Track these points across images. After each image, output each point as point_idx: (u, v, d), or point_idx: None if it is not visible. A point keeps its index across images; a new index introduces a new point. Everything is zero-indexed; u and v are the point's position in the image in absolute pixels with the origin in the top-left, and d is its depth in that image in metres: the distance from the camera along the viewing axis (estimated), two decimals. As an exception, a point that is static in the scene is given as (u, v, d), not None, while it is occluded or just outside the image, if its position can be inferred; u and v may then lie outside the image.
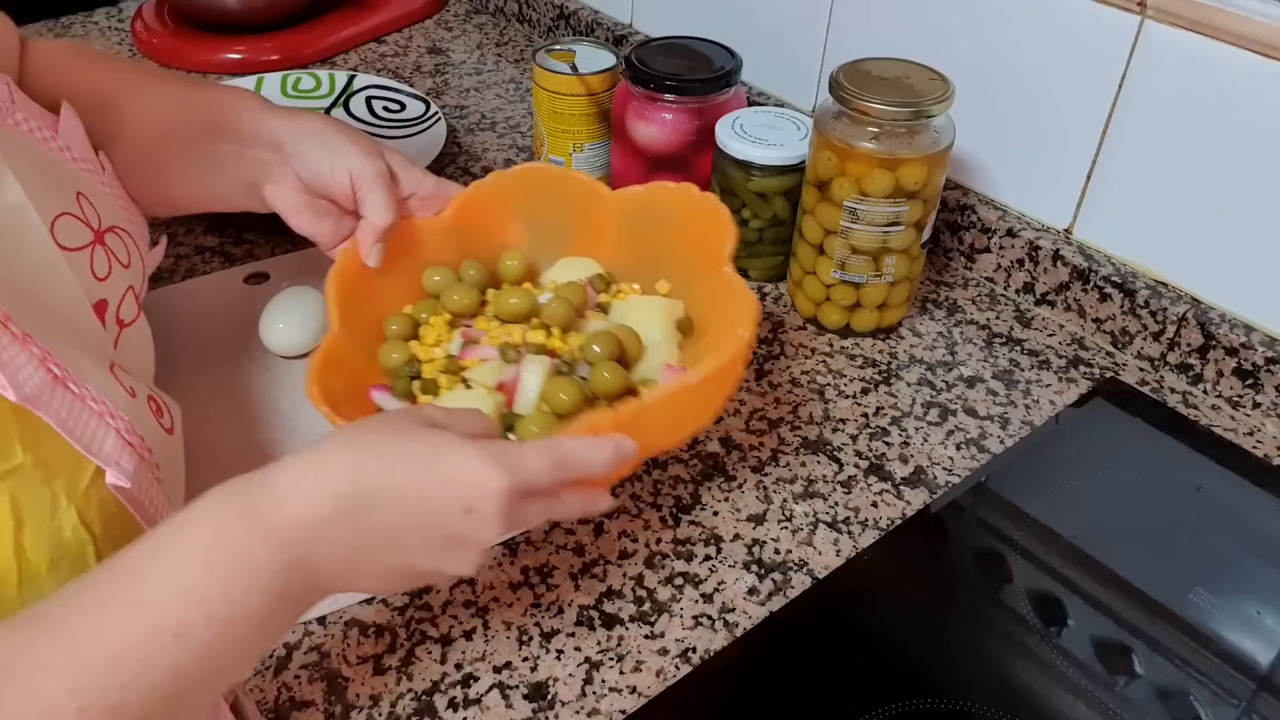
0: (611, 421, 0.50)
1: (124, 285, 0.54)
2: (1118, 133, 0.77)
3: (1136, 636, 0.59)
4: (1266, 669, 0.58)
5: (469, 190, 0.69)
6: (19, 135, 0.51)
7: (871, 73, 0.73)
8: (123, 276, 0.54)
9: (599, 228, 0.70)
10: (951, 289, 0.87)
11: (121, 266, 0.54)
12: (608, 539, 0.64)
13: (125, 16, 1.26)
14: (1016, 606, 0.60)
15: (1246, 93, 0.69)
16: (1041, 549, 0.64)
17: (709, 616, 0.59)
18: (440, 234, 0.69)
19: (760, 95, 1.01)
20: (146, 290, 0.59)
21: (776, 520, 0.65)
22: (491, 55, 1.22)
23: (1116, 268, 0.79)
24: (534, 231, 0.71)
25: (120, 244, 0.54)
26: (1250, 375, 0.73)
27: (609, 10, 1.17)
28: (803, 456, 0.70)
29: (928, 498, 0.67)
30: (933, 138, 0.72)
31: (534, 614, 0.59)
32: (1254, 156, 0.70)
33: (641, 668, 0.56)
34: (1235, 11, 0.68)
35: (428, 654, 0.57)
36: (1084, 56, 0.76)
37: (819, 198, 0.76)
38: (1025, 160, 0.83)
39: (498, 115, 1.09)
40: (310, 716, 0.53)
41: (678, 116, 0.85)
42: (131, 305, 0.54)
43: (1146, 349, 0.79)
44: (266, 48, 1.16)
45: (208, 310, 0.79)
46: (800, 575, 0.62)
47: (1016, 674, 0.57)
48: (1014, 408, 0.75)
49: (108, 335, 0.51)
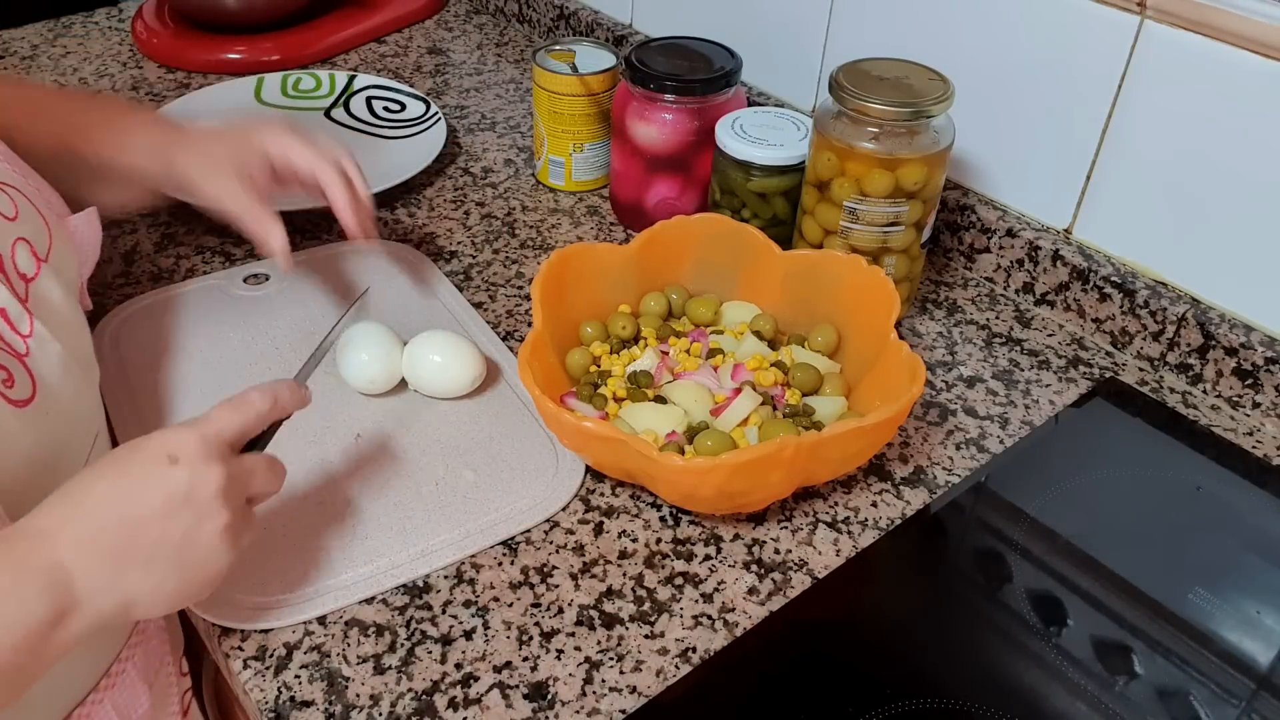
0: (794, 447, 0.57)
1: (10, 237, 0.53)
2: (1117, 133, 0.77)
3: (1136, 636, 0.59)
4: (1266, 669, 0.58)
5: (654, 228, 0.75)
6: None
7: (871, 73, 0.73)
8: (6, 229, 0.53)
9: (765, 279, 0.75)
10: (951, 289, 0.87)
11: (4, 219, 0.54)
12: (608, 539, 0.64)
13: (125, 16, 1.26)
14: (1016, 606, 0.60)
15: (1246, 93, 0.69)
16: (1041, 549, 0.64)
17: (709, 616, 0.59)
18: (626, 261, 0.74)
19: (760, 95, 1.01)
20: (93, 269, 0.61)
21: (776, 520, 0.65)
22: (491, 55, 1.22)
23: (1116, 268, 0.79)
24: (703, 273, 0.77)
25: (2, 198, 0.54)
26: (1250, 375, 0.73)
27: (609, 10, 1.17)
28: (803, 456, 0.70)
29: (928, 498, 0.67)
30: (932, 138, 0.72)
31: (534, 614, 0.59)
32: (1254, 156, 0.70)
33: (641, 668, 0.56)
34: (1235, 11, 0.68)
35: (428, 654, 0.57)
36: (1084, 56, 0.76)
37: (819, 198, 0.76)
38: (1025, 160, 0.83)
39: (498, 115, 1.09)
40: (310, 716, 0.53)
41: (678, 117, 0.85)
42: (28, 258, 0.54)
43: (1146, 349, 0.79)
44: (266, 48, 1.16)
45: (208, 310, 0.79)
46: (800, 575, 0.62)
47: (1016, 674, 0.57)
48: (1014, 408, 0.75)
49: (4, 288, 0.51)
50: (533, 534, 0.63)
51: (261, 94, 1.08)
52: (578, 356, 0.71)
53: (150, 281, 0.82)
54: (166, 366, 0.73)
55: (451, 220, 0.92)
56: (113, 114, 0.71)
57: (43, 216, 0.58)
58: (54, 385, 0.52)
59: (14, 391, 0.50)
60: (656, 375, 0.69)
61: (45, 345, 0.52)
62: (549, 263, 0.70)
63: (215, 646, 0.58)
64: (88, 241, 0.63)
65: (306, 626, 0.57)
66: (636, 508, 0.66)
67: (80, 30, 1.23)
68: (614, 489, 0.67)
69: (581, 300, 0.73)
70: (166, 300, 0.80)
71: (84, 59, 1.16)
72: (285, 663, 0.56)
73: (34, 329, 0.52)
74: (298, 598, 0.58)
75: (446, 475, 0.66)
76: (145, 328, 0.77)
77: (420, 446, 0.68)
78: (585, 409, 0.68)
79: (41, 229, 0.57)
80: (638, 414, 0.66)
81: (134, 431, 0.65)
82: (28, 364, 0.51)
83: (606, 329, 0.74)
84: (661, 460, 0.57)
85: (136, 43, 1.19)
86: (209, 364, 0.74)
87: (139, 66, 1.16)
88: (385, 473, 0.66)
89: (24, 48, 1.18)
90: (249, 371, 0.73)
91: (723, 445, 0.62)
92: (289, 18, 1.20)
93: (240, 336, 0.76)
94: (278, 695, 0.54)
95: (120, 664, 0.60)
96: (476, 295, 0.83)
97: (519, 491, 0.65)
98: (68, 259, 0.59)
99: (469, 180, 0.98)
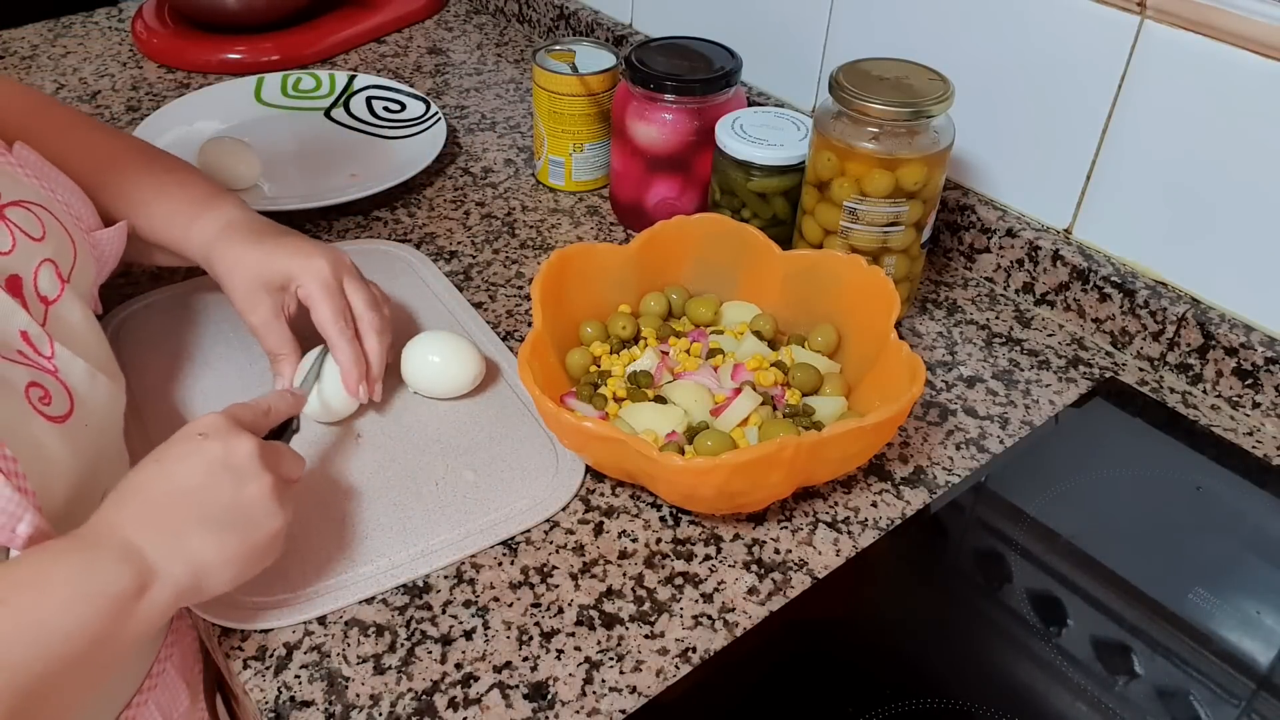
0: (794, 447, 0.56)
1: (35, 259, 0.54)
2: (1117, 133, 0.77)
3: (1136, 636, 0.59)
4: (1266, 669, 0.58)
5: (654, 228, 0.75)
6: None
7: (871, 73, 0.73)
8: (33, 250, 0.54)
9: (765, 279, 0.75)
10: (951, 289, 0.87)
11: (31, 240, 0.54)
12: (608, 539, 0.64)
13: (125, 16, 1.26)
14: (1016, 606, 0.60)
15: (1246, 93, 0.69)
16: (1041, 549, 0.64)
17: (709, 616, 0.59)
18: (626, 261, 0.74)
19: (760, 95, 1.01)
20: (107, 277, 0.62)
21: (776, 520, 0.65)
22: (491, 55, 1.22)
23: (1116, 268, 0.79)
24: (703, 273, 0.77)
25: (30, 218, 0.55)
26: (1250, 375, 0.73)
27: (609, 10, 1.17)
28: (803, 456, 0.70)
29: (927, 498, 0.67)
30: (932, 138, 0.72)
31: (534, 614, 0.59)
32: (1254, 156, 0.70)
33: (641, 667, 0.56)
34: (1235, 11, 0.68)
35: (428, 654, 0.57)
36: (1084, 56, 0.76)
37: (819, 198, 0.76)
38: (1025, 160, 0.83)
39: (498, 115, 1.09)
40: (310, 716, 0.53)
41: (678, 117, 0.85)
42: (52, 280, 0.55)
43: (1146, 349, 0.79)
44: (266, 48, 1.16)
45: (208, 310, 0.79)
46: (800, 575, 0.62)
47: (1016, 674, 0.57)
48: (1014, 408, 0.75)
49: (23, 312, 0.52)
50: (533, 534, 0.63)
51: (261, 94, 1.08)
52: (578, 356, 0.71)
53: (150, 281, 0.82)
54: (166, 366, 0.73)
55: (451, 220, 0.92)
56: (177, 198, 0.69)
57: (69, 235, 0.58)
58: (86, 398, 0.53)
59: (52, 408, 0.51)
60: (656, 375, 0.69)
61: (70, 363, 0.53)
62: (549, 263, 0.70)
63: (215, 646, 0.58)
64: (111, 252, 0.63)
65: (306, 626, 0.57)
66: (636, 508, 0.66)
67: (80, 30, 1.23)
68: (614, 489, 0.67)
69: (581, 300, 0.73)
70: (166, 300, 0.80)
71: (84, 59, 1.16)
72: (285, 663, 0.56)
73: (54, 350, 0.53)
74: (298, 598, 0.58)
75: (446, 475, 0.66)
76: (145, 328, 0.77)
77: (420, 446, 0.68)
78: (585, 409, 0.68)
79: (67, 247, 0.57)
80: (638, 414, 0.66)
81: (134, 431, 0.65)
82: (61, 379, 0.52)
83: (606, 329, 0.74)
84: (661, 460, 0.57)
85: (136, 43, 1.19)
86: (209, 364, 0.74)
87: (139, 66, 1.16)
88: (385, 473, 0.66)
89: (24, 48, 1.18)
90: (249, 371, 0.73)
91: (723, 445, 0.62)
92: (289, 18, 1.20)
93: (240, 336, 0.76)
94: (278, 695, 0.54)
95: (161, 664, 0.60)
96: (476, 295, 0.83)
97: (519, 491, 0.65)
98: (88, 273, 0.60)
99: (469, 180, 0.98)
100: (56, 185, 0.59)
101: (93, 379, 0.54)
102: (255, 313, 0.66)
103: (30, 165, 0.58)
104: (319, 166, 0.98)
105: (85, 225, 0.61)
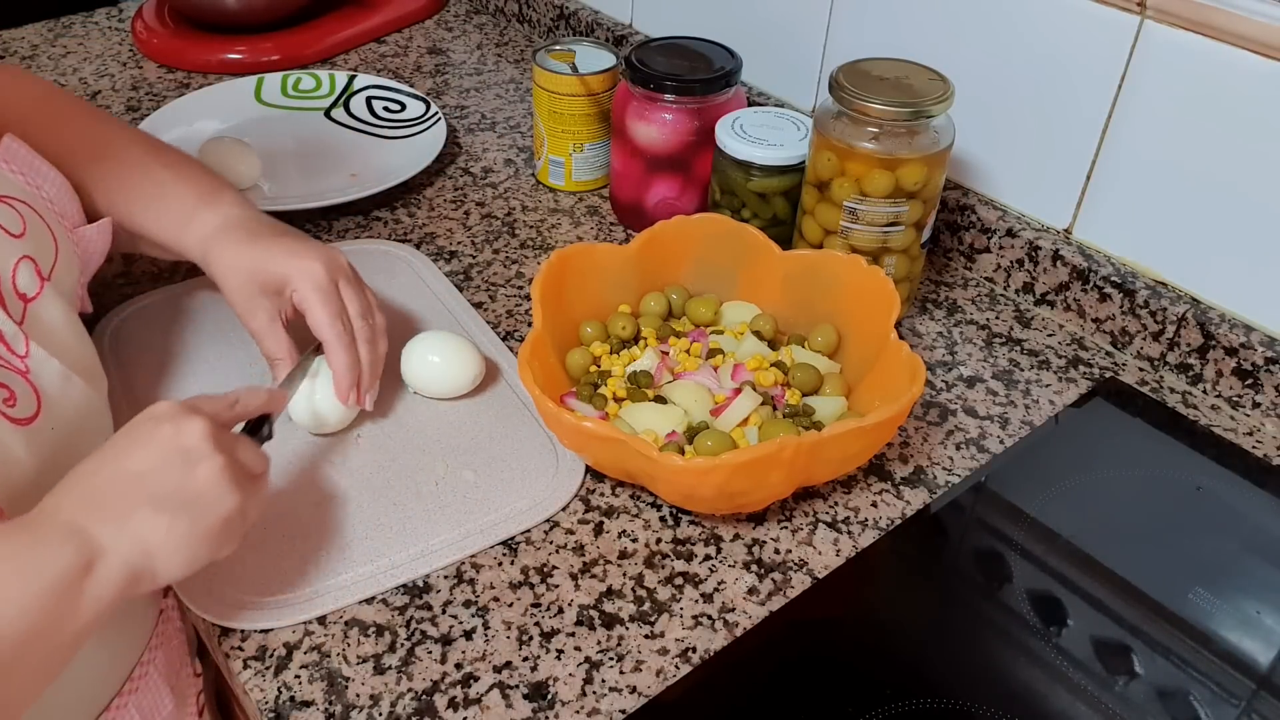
0: (794, 447, 0.56)
1: (13, 255, 0.53)
2: (1117, 133, 0.77)
3: (1136, 636, 0.59)
4: (1266, 669, 0.58)
5: (654, 228, 0.75)
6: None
7: (871, 73, 0.73)
8: (11, 246, 0.53)
9: (764, 279, 0.75)
10: (951, 289, 0.87)
11: (9, 236, 0.53)
12: (608, 539, 0.64)
13: (125, 16, 1.26)
14: (1016, 606, 0.60)
15: (1246, 93, 0.69)
16: (1041, 549, 0.64)
17: (709, 616, 0.59)
18: (626, 261, 0.74)
19: (760, 95, 1.01)
20: (94, 273, 0.61)
21: (776, 520, 0.65)
22: (491, 55, 1.22)
23: (1116, 268, 0.79)
24: (703, 273, 0.77)
25: (10, 214, 0.54)
26: (1250, 375, 0.73)
27: (609, 10, 1.17)
28: (803, 456, 0.70)
29: (927, 498, 0.67)
30: (932, 138, 0.72)
31: (534, 614, 0.59)
32: (1254, 156, 0.70)
33: (641, 667, 0.56)
34: (1235, 11, 0.68)
35: (428, 654, 0.57)
36: (1084, 56, 0.76)
37: (819, 198, 0.76)
38: (1025, 160, 0.83)
39: (498, 115, 1.09)
40: (310, 716, 0.53)
41: (678, 117, 0.85)
42: (31, 277, 0.54)
43: (1146, 349, 0.79)
44: (266, 48, 1.16)
45: (208, 310, 0.79)
46: (800, 575, 0.62)
47: (1016, 674, 0.57)
48: (1014, 408, 0.75)
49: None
50: (533, 534, 0.63)
51: (261, 94, 1.08)
52: (578, 356, 0.71)
53: (150, 281, 0.82)
54: (166, 367, 0.73)
55: (451, 220, 0.92)
56: (172, 194, 0.69)
57: (51, 232, 0.57)
58: (56, 401, 0.52)
59: (16, 410, 0.50)
60: (656, 375, 0.69)
61: (44, 364, 0.52)
62: (549, 263, 0.70)
63: (215, 646, 0.58)
64: (96, 249, 0.63)
65: (306, 626, 0.57)
66: (636, 508, 0.66)
67: (80, 30, 1.23)
68: (614, 489, 0.67)
69: (581, 300, 0.73)
70: (166, 300, 0.80)
71: (84, 59, 1.16)
72: (285, 663, 0.56)
73: (29, 349, 0.52)
74: (298, 598, 0.58)
75: (446, 475, 0.66)
76: (145, 328, 0.77)
77: (420, 446, 0.68)
78: (585, 409, 0.68)
79: (49, 245, 0.56)
80: (638, 414, 0.66)
81: (134, 431, 0.65)
82: (31, 380, 0.51)
83: (606, 329, 0.74)
84: (661, 460, 0.57)
85: (136, 43, 1.19)
86: (209, 364, 0.74)
87: (139, 66, 1.16)
88: (385, 473, 0.66)
89: (24, 48, 1.18)
90: (249, 371, 0.73)
91: (723, 445, 0.62)
92: (289, 18, 1.20)
93: (240, 336, 0.76)
94: (278, 695, 0.54)
95: (143, 666, 0.60)
96: (476, 295, 0.83)
97: (519, 491, 0.65)
98: (71, 270, 0.59)
99: (469, 180, 0.98)
100: (43, 181, 0.59)
101: (66, 381, 0.53)
102: (253, 317, 0.66)
103: (17, 160, 0.57)
104: (319, 166, 0.98)
105: (70, 222, 0.60)
